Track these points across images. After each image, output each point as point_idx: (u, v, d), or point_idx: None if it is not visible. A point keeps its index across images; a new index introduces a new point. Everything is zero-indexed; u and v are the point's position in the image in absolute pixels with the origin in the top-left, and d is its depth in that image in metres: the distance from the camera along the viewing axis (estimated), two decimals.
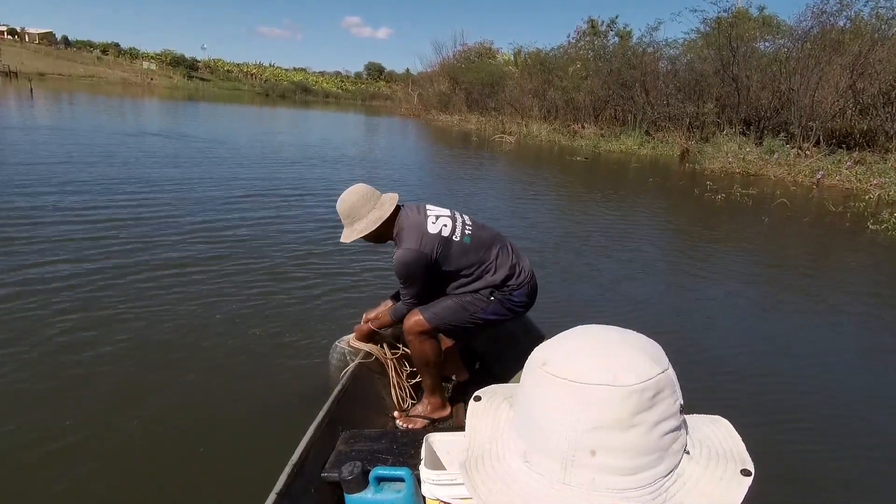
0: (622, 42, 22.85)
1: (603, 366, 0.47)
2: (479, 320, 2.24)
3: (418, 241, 2.12)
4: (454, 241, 2.16)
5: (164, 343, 3.02)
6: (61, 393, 2.51)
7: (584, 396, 0.46)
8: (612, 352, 0.48)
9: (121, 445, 2.20)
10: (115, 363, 2.79)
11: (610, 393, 0.45)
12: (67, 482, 2.00)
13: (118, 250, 4.38)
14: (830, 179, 11.01)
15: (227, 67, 73.82)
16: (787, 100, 15.55)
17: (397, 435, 2.04)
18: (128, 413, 2.40)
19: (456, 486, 1.58)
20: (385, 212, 2.19)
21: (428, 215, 2.20)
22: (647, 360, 0.47)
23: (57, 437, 2.21)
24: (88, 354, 2.85)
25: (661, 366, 0.48)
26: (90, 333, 3.05)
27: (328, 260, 4.59)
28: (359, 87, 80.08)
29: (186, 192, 6.76)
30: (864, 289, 4.97)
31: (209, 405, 2.52)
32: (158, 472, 2.09)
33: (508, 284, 2.22)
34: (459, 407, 2.52)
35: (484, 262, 2.21)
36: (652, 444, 0.47)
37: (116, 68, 57.05)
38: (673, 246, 6.32)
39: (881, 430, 2.67)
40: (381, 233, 2.22)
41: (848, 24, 14.86)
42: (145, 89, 44.56)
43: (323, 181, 8.61)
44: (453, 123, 27.93)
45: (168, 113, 22.74)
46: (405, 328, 2.24)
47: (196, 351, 2.97)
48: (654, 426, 0.46)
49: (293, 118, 28.39)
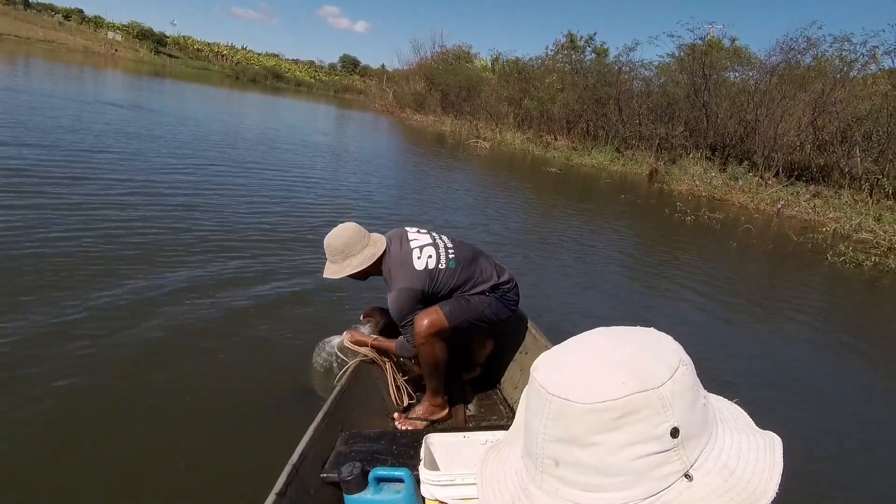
0: (598, 59, 23.36)
1: (572, 379, 0.47)
2: (482, 318, 2.36)
3: (409, 280, 2.23)
4: (440, 270, 2.28)
5: (162, 343, 2.93)
6: (60, 393, 2.42)
7: (550, 407, 0.46)
8: (588, 365, 0.48)
9: (118, 446, 2.16)
10: (112, 364, 2.69)
11: (566, 407, 0.45)
12: (64, 482, 1.95)
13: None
14: (790, 210, 11.51)
15: (197, 46, 71.32)
16: (752, 129, 16.19)
17: (397, 435, 2.05)
18: (125, 414, 2.36)
19: (455, 486, 1.60)
20: (378, 249, 2.31)
21: (412, 248, 2.29)
22: (621, 379, 0.45)
23: (52, 435, 2.16)
24: (87, 352, 2.73)
25: (641, 386, 0.45)
26: (90, 333, 2.91)
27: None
28: (332, 78, 78.85)
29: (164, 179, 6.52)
30: (819, 308, 5.23)
31: (208, 405, 2.49)
32: (157, 473, 2.05)
33: (499, 288, 2.38)
34: (459, 408, 2.56)
35: (472, 278, 2.35)
36: (617, 467, 0.45)
37: (79, 36, 54.35)
38: (650, 263, 6.49)
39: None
40: (369, 271, 2.33)
41: (812, 62, 15.61)
42: (108, 60, 42.68)
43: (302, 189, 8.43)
44: (428, 124, 27.89)
45: (130, 87, 21.89)
46: (418, 332, 2.24)
47: (194, 351, 2.91)
48: (620, 448, 0.44)
49: (265, 106, 27.79)
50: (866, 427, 3.16)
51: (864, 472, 2.71)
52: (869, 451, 2.89)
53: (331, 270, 2.36)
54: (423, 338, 2.24)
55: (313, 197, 7.06)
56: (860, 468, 2.73)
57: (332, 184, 8.34)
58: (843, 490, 2.52)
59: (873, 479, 2.64)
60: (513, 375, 2.74)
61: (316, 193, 7.31)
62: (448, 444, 1.83)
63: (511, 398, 2.66)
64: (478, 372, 2.79)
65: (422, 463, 1.69)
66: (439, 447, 1.82)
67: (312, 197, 7.04)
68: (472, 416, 2.58)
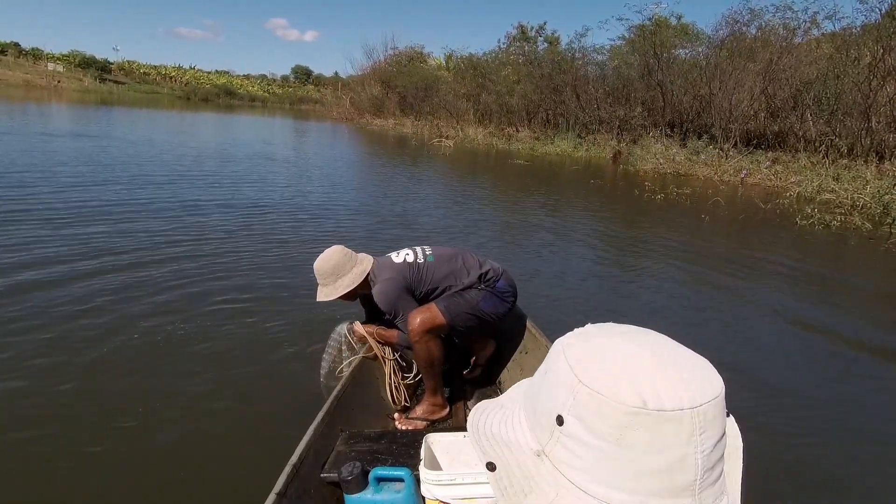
0: (551, 47, 23.60)
1: (688, 385, 0.45)
2: (479, 312, 2.37)
3: (391, 271, 2.34)
4: (420, 264, 2.38)
5: (160, 344, 2.97)
6: (57, 393, 2.46)
7: (697, 420, 0.45)
8: (682, 367, 0.46)
9: (118, 446, 2.16)
10: (110, 365, 2.74)
11: (710, 409, 0.45)
12: (63, 482, 1.96)
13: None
14: (752, 178, 11.81)
15: (143, 70, 69.66)
16: (708, 103, 16.58)
17: (397, 435, 2.07)
18: (125, 414, 2.36)
19: (455, 486, 1.60)
20: (366, 267, 2.40)
21: (390, 255, 2.45)
22: (714, 375, 0.46)
23: (52, 435, 2.18)
24: (88, 355, 2.79)
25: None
26: (85, 334, 2.97)
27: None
28: (286, 90, 78.08)
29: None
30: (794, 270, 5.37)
31: (208, 405, 2.49)
32: (157, 473, 2.05)
33: (487, 278, 2.40)
34: (459, 407, 2.56)
35: (454, 271, 2.40)
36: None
37: (17, 70, 52.68)
38: (629, 245, 6.54)
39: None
40: (358, 290, 2.41)
41: (757, 33, 16.06)
42: (52, 93, 41.40)
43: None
44: (388, 127, 27.83)
45: (83, 118, 21.21)
46: (412, 329, 2.27)
47: (193, 352, 2.92)
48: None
49: (220, 125, 27.27)
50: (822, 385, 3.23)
51: (819, 427, 2.74)
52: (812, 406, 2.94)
53: (323, 293, 2.40)
54: (417, 335, 2.26)
55: (296, 208, 6.92)
56: (814, 424, 2.76)
57: (304, 199, 8.20)
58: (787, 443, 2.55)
59: (824, 437, 2.66)
60: (513, 375, 2.72)
61: (300, 206, 7.17)
62: (448, 443, 1.83)
63: None
64: (478, 372, 2.79)
65: (422, 463, 1.69)
66: (439, 447, 1.82)
67: (295, 208, 6.91)
68: None
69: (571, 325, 0.51)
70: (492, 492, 0.51)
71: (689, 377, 0.45)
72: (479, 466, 0.53)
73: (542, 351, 2.54)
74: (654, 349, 0.47)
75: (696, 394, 0.44)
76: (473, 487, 1.59)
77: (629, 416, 0.43)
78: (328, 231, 5.81)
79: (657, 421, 0.43)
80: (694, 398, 0.43)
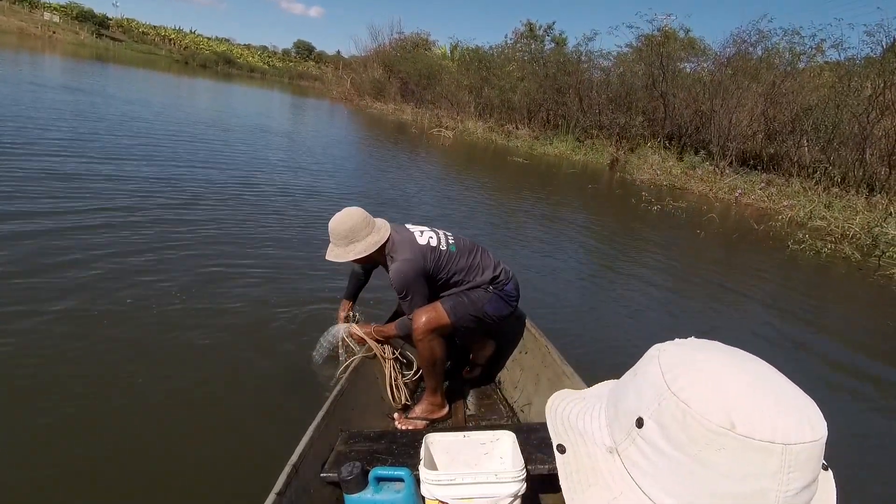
0: (557, 48, 23.54)
1: (788, 418, 0.44)
2: (483, 314, 2.37)
3: (412, 252, 2.26)
4: (442, 251, 2.32)
5: (159, 341, 2.88)
6: (59, 392, 2.37)
7: (788, 458, 0.44)
8: (779, 400, 0.45)
9: (118, 446, 2.12)
10: (109, 364, 2.64)
11: (806, 449, 0.44)
12: (62, 482, 1.91)
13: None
14: (747, 198, 11.93)
15: (142, 29, 68.13)
16: (708, 119, 16.68)
17: (396, 435, 2.07)
18: (125, 414, 2.31)
19: (455, 486, 1.62)
20: (382, 236, 2.32)
21: (413, 231, 2.37)
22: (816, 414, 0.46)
23: (51, 435, 2.12)
24: (84, 344, 2.71)
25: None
26: (80, 332, 2.83)
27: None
28: (287, 64, 76.97)
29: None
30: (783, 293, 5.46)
31: (207, 404, 2.47)
32: (156, 472, 2.03)
33: (498, 280, 2.40)
34: (458, 407, 2.58)
35: (471, 266, 2.37)
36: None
37: (12, 16, 51.16)
38: (627, 255, 6.59)
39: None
40: (373, 256, 2.34)
41: (763, 54, 16.18)
42: (46, 43, 40.35)
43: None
44: (388, 112, 27.58)
45: (74, 72, 20.76)
46: (416, 327, 2.25)
47: (192, 351, 2.85)
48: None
49: (218, 93, 26.86)
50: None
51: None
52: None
53: (334, 254, 2.36)
54: (421, 334, 2.25)
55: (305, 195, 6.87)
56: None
57: (302, 181, 8.14)
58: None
59: None
60: (512, 374, 2.74)
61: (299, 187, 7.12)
62: (448, 443, 1.85)
63: (510, 397, 2.66)
64: (478, 371, 2.80)
65: (422, 462, 1.70)
66: (439, 447, 1.84)
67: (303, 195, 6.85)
68: (471, 415, 2.60)
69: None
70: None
71: (789, 413, 0.44)
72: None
73: (541, 351, 2.56)
74: (757, 375, 0.46)
75: (792, 431, 0.42)
76: (473, 487, 1.61)
77: (713, 434, 0.43)
78: (323, 208, 5.74)
79: (743, 447, 0.42)
80: (789, 435, 0.42)
